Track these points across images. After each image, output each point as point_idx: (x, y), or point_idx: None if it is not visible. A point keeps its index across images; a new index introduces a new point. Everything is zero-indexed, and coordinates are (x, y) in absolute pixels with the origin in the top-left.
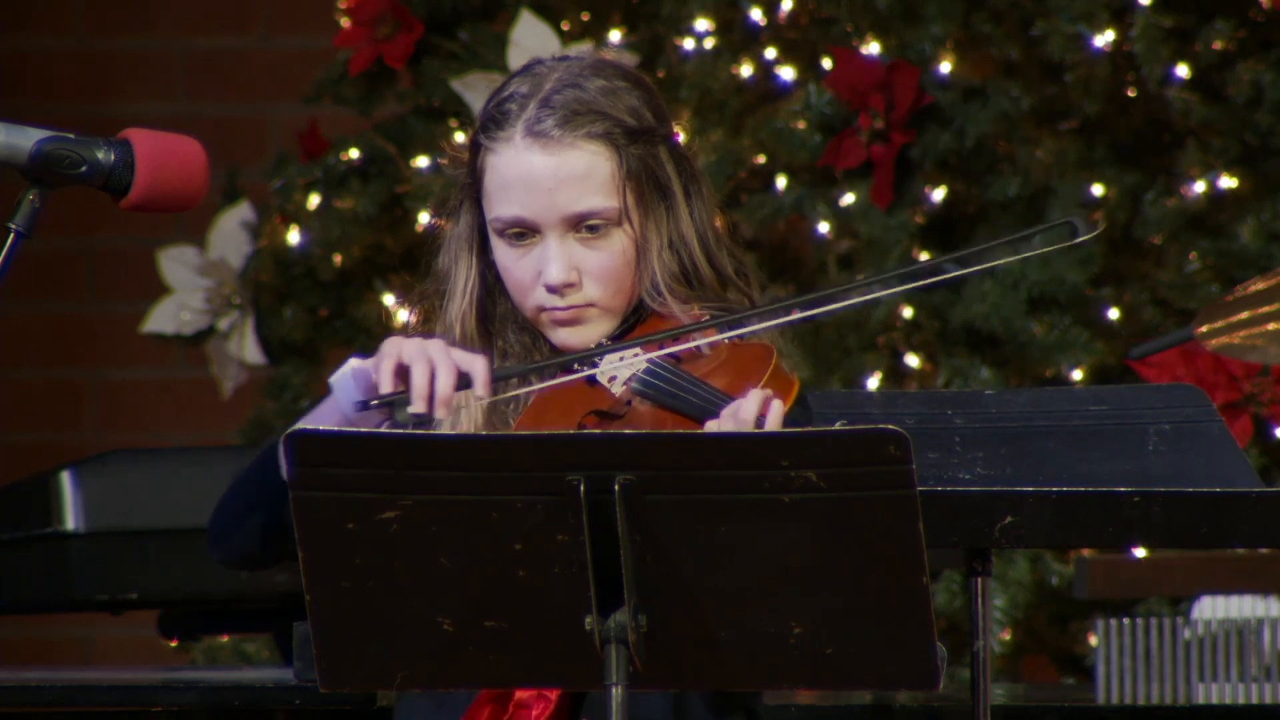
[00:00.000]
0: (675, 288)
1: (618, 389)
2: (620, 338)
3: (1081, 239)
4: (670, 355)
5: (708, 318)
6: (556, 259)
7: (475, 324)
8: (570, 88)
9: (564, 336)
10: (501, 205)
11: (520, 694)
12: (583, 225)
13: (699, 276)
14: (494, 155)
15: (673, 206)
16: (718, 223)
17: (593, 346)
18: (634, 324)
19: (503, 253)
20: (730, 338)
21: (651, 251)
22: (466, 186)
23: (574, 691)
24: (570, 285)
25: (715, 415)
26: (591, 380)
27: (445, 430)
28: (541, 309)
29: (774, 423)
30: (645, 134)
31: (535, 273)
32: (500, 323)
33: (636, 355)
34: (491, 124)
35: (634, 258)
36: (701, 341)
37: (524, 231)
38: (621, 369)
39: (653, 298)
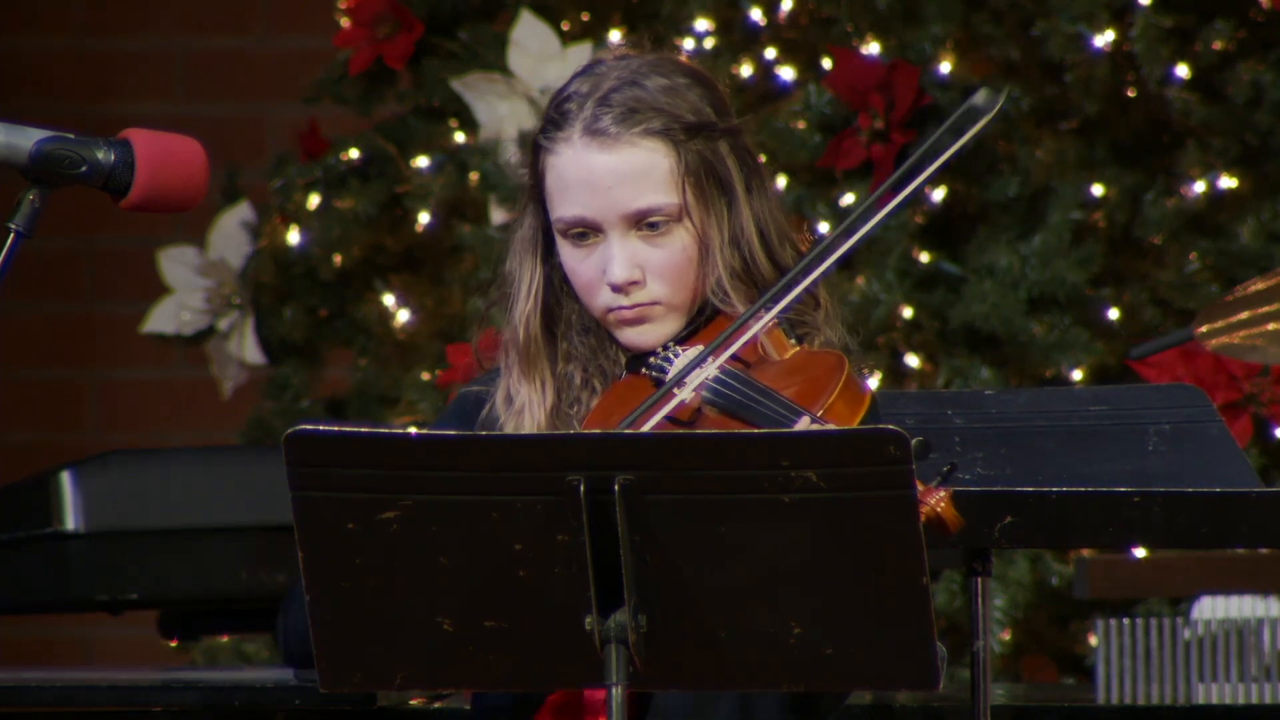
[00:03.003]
0: (739, 285)
1: (688, 395)
2: (687, 338)
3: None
4: (741, 361)
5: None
6: (619, 257)
7: (540, 327)
8: (629, 85)
9: (630, 336)
10: (563, 206)
11: (589, 698)
12: (643, 223)
13: (759, 273)
14: (553, 156)
15: (734, 202)
16: (782, 219)
17: (659, 346)
18: (701, 324)
19: (567, 253)
20: (778, 315)
21: (714, 248)
22: (530, 188)
23: (638, 695)
24: (634, 283)
25: (786, 427)
26: (660, 384)
27: (510, 429)
28: (608, 309)
29: None
30: (705, 130)
31: (599, 272)
32: (565, 325)
33: (707, 362)
34: (551, 125)
35: (696, 254)
36: (757, 328)
37: (586, 231)
38: (693, 376)
39: (718, 296)
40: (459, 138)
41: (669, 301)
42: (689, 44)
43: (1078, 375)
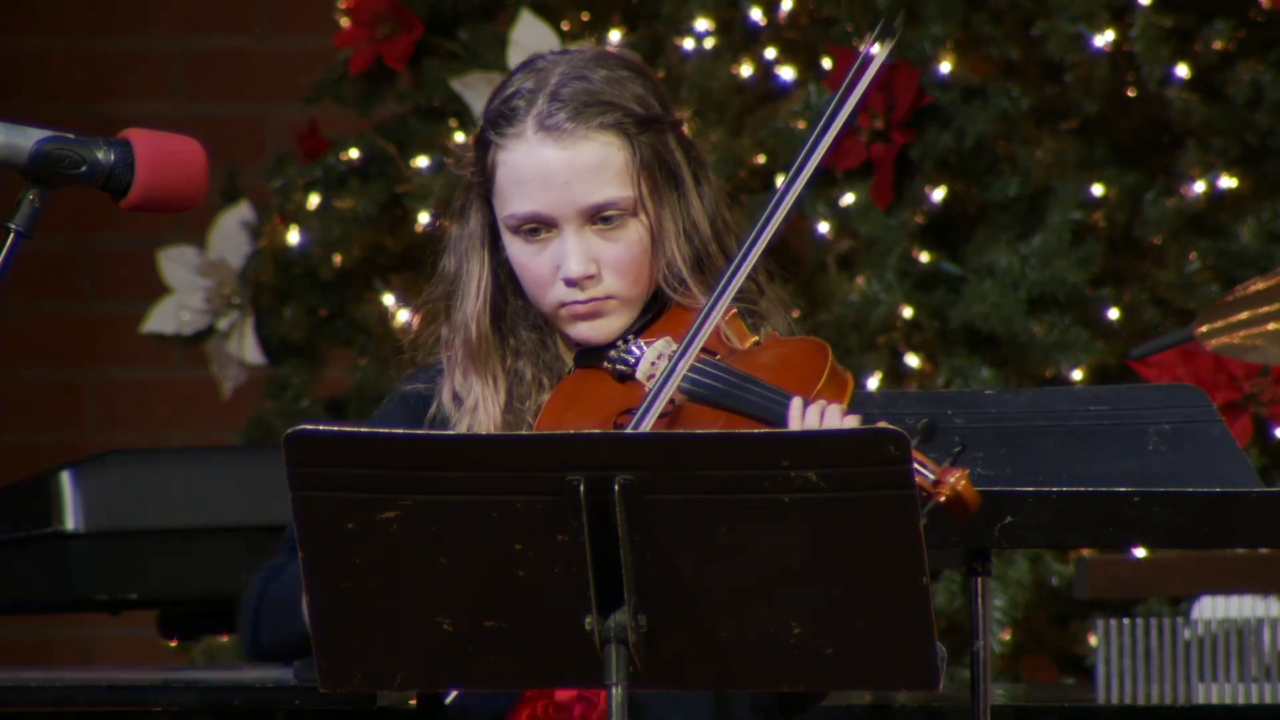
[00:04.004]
0: (695, 275)
1: (671, 390)
2: (641, 330)
3: None
4: (709, 352)
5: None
6: (575, 252)
7: (489, 323)
8: (577, 79)
9: (584, 331)
10: (516, 201)
11: (560, 696)
12: (598, 217)
13: (711, 263)
14: (505, 152)
15: (684, 193)
16: (724, 209)
17: (613, 339)
18: (655, 315)
19: (518, 249)
20: (733, 301)
21: (668, 239)
22: (476, 185)
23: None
24: (590, 277)
25: (777, 412)
26: (623, 377)
27: (464, 429)
28: (561, 304)
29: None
30: (654, 122)
31: (553, 268)
32: (512, 320)
33: (687, 353)
34: (501, 120)
35: (650, 247)
36: (721, 309)
37: (539, 227)
38: (678, 370)
39: (673, 287)
40: (459, 138)
41: (624, 295)
42: (689, 44)
43: (1078, 375)
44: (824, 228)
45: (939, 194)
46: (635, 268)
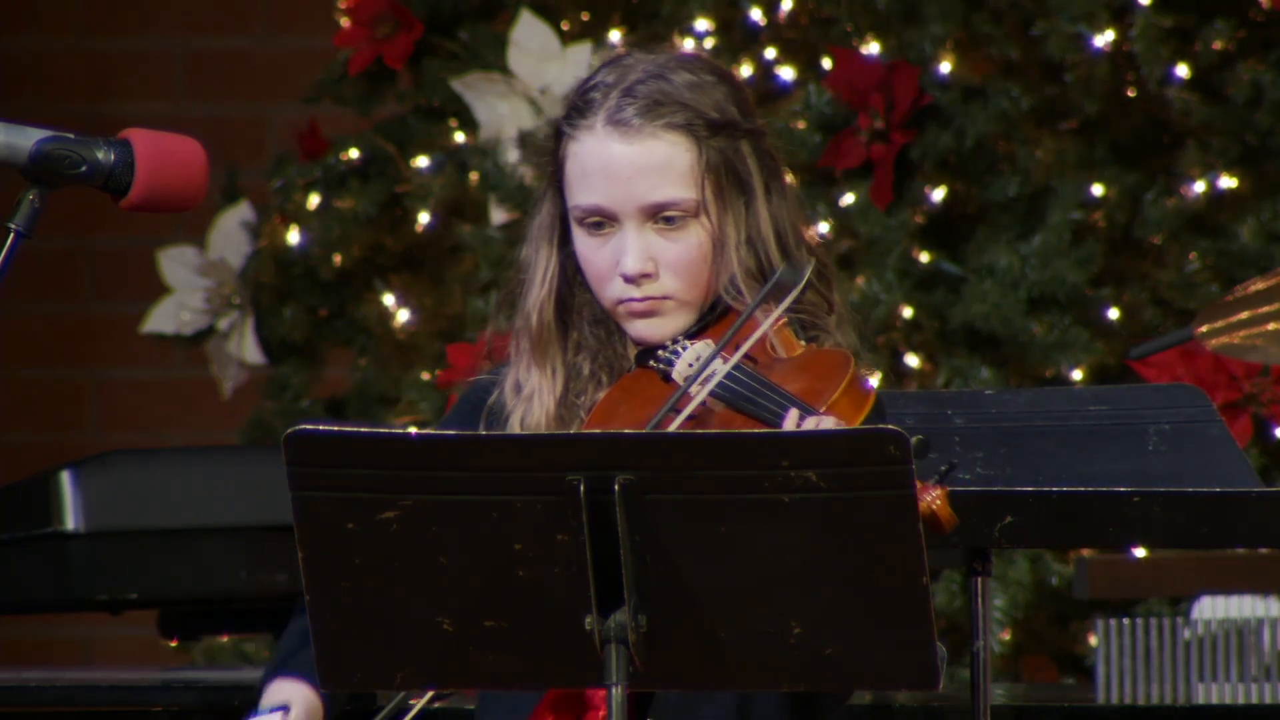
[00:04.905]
0: (753, 285)
1: (704, 395)
2: (698, 334)
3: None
4: (749, 359)
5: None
6: (633, 249)
7: (552, 314)
8: (654, 79)
9: (640, 329)
10: (581, 193)
11: (587, 693)
12: (660, 216)
13: (773, 275)
14: (575, 143)
15: (751, 202)
16: (801, 225)
17: (669, 340)
18: (711, 321)
19: (582, 242)
20: (786, 311)
21: (729, 246)
22: (550, 175)
23: (641, 692)
24: (647, 275)
25: (780, 418)
26: (666, 378)
27: (518, 418)
28: (619, 301)
29: None
30: (727, 127)
31: (613, 262)
32: (577, 314)
33: (716, 357)
34: (574, 112)
35: (711, 251)
36: (765, 326)
37: (602, 220)
38: (706, 374)
39: (730, 295)
40: (459, 138)
41: (680, 296)
42: (689, 44)
43: (1078, 375)
44: (824, 228)
45: (939, 194)
46: (694, 270)
